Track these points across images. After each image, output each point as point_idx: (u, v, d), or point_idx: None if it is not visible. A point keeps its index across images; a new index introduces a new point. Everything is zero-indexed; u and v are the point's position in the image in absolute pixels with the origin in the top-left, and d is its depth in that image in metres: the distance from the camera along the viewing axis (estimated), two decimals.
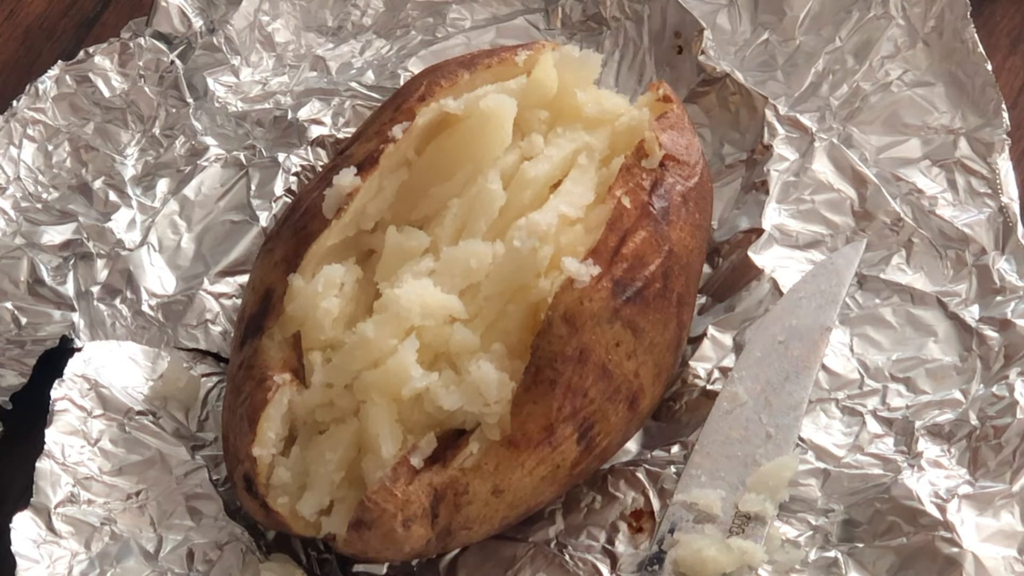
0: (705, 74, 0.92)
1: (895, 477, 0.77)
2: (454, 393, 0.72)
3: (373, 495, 0.71)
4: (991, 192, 0.86)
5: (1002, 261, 0.84)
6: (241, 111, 0.93)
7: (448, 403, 0.72)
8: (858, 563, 0.75)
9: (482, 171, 0.78)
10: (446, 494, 0.72)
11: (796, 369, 0.81)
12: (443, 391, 0.72)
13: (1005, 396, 0.79)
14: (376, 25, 0.98)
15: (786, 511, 0.78)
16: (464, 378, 0.72)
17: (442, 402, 0.72)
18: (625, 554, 0.78)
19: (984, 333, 0.82)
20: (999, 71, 0.92)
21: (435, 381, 0.72)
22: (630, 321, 0.74)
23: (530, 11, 0.98)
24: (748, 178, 0.89)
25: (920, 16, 0.92)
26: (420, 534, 0.72)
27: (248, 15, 0.96)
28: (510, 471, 0.73)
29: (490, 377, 0.72)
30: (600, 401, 0.74)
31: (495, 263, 0.75)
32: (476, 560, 0.79)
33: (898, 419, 0.80)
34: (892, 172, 0.88)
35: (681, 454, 0.80)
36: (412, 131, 0.78)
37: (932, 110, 0.90)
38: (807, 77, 0.92)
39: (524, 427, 0.72)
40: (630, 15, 0.96)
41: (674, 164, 0.78)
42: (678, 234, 0.77)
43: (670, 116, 0.80)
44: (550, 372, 0.72)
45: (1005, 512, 0.75)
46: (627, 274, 0.74)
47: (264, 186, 0.90)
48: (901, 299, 0.84)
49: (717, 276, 0.87)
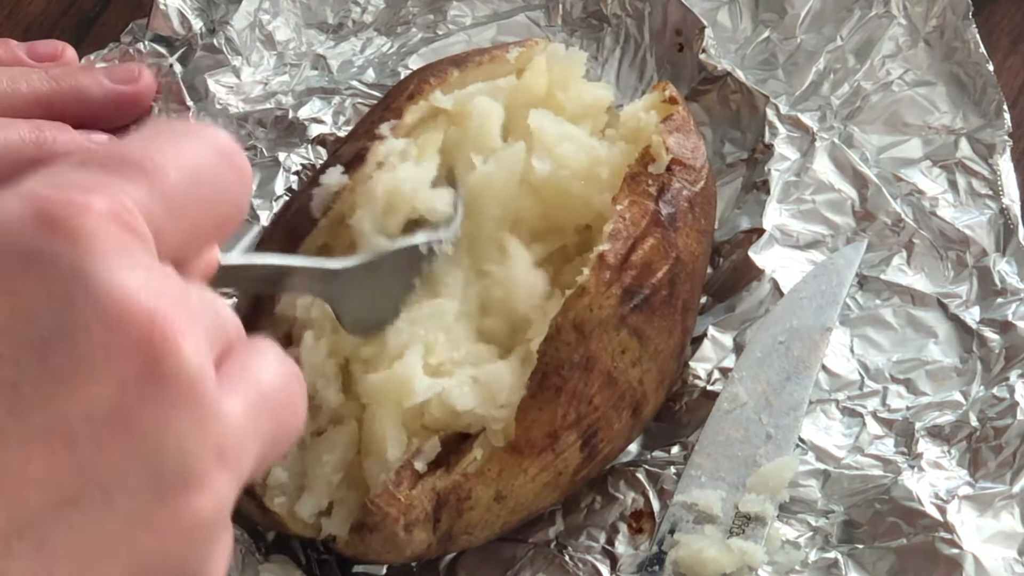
0: (706, 72, 0.92)
1: (895, 478, 0.77)
2: (468, 395, 0.72)
3: (376, 498, 0.71)
4: (992, 193, 0.86)
5: (1003, 263, 0.84)
6: (243, 112, 0.93)
7: (462, 404, 0.72)
8: (858, 564, 0.75)
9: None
10: (449, 499, 0.72)
11: (796, 370, 0.81)
12: (457, 391, 0.72)
13: (1005, 398, 0.79)
14: (377, 22, 0.98)
15: (786, 512, 0.78)
16: (479, 379, 0.72)
17: (455, 402, 0.72)
18: (625, 555, 0.78)
19: (985, 335, 0.82)
20: (999, 70, 0.92)
21: (448, 383, 0.72)
22: (636, 328, 0.74)
23: (531, 8, 0.97)
24: (749, 177, 0.89)
25: (921, 16, 0.92)
26: (422, 538, 0.72)
27: (249, 14, 0.96)
28: (513, 477, 0.73)
29: (504, 379, 0.72)
30: (604, 408, 0.74)
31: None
32: (476, 561, 0.79)
33: (898, 420, 0.80)
34: (893, 172, 0.88)
35: (681, 455, 0.80)
36: (400, 129, 0.77)
37: (933, 110, 0.89)
38: (808, 76, 0.92)
39: (528, 433, 0.72)
40: (631, 12, 0.96)
41: (680, 168, 0.78)
42: (684, 240, 0.77)
43: (676, 118, 0.79)
44: (556, 379, 0.72)
45: (1005, 513, 0.75)
46: (635, 281, 0.74)
47: (265, 185, 0.90)
48: (902, 300, 0.84)
49: (717, 276, 0.87)
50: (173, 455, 0.38)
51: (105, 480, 0.37)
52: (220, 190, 0.43)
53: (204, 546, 0.40)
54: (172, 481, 0.38)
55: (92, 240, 0.37)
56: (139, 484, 0.38)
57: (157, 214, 0.40)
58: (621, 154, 0.78)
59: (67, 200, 0.38)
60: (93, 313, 0.37)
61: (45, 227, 0.37)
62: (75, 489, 0.37)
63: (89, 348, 0.37)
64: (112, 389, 0.37)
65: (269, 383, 0.43)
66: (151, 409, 0.37)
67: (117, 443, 0.37)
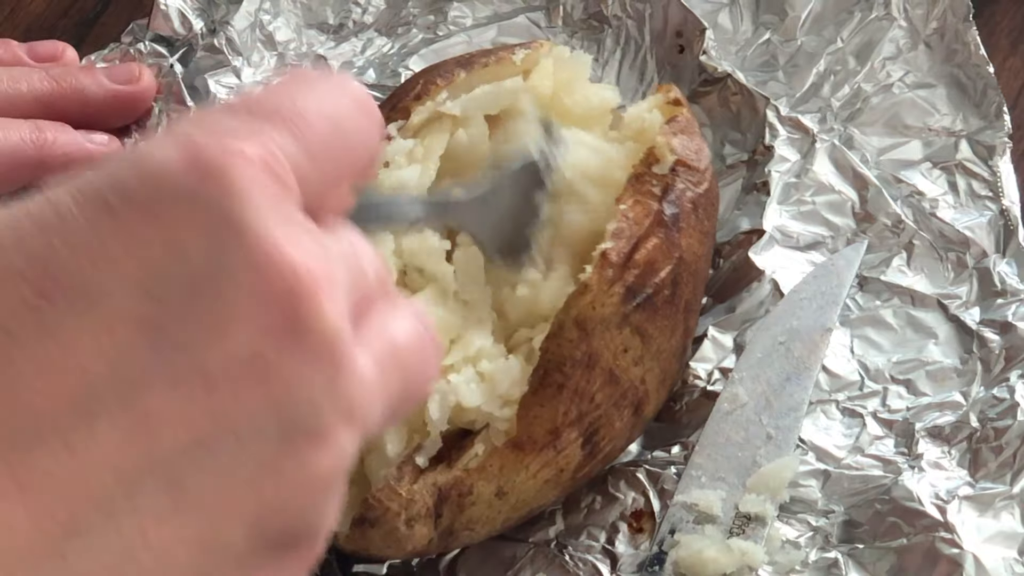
0: (706, 74, 0.92)
1: (895, 478, 0.77)
2: (474, 391, 0.72)
3: (378, 493, 0.71)
4: (992, 195, 0.86)
5: (1003, 264, 0.84)
6: None
7: (468, 400, 0.72)
8: (858, 564, 0.75)
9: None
10: (450, 494, 0.72)
11: (797, 370, 0.81)
12: (464, 387, 0.72)
13: (1006, 398, 0.79)
14: (377, 23, 0.98)
15: (786, 512, 0.78)
16: (485, 375, 0.72)
17: (462, 399, 0.72)
18: (625, 555, 0.78)
19: (985, 335, 0.82)
20: (999, 72, 0.92)
21: (456, 379, 0.72)
22: (639, 327, 0.74)
23: (531, 9, 0.98)
24: (749, 179, 0.89)
25: (922, 18, 0.92)
26: (423, 533, 0.72)
27: (249, 14, 0.96)
28: (514, 473, 0.73)
29: (510, 376, 0.72)
30: (606, 407, 0.74)
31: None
32: (476, 560, 0.79)
33: (898, 421, 0.80)
34: (893, 174, 0.88)
35: (681, 455, 0.80)
36: (407, 130, 0.78)
37: (933, 112, 0.90)
38: (808, 78, 0.92)
39: (530, 430, 0.72)
40: (631, 14, 0.96)
41: (684, 170, 0.78)
42: (688, 241, 0.77)
43: (680, 120, 0.80)
44: (558, 376, 0.72)
45: (1005, 513, 0.75)
46: (638, 280, 0.74)
47: None
48: (902, 301, 0.84)
49: (718, 277, 0.87)
50: (305, 408, 0.39)
51: (239, 426, 0.38)
52: (358, 138, 0.43)
53: (323, 498, 0.40)
54: (302, 434, 0.39)
55: (246, 188, 0.38)
56: (270, 433, 0.38)
57: (302, 162, 0.40)
58: (628, 155, 0.79)
59: (222, 146, 0.38)
60: (243, 260, 0.37)
61: (201, 171, 0.38)
62: (210, 432, 0.37)
63: (236, 295, 0.37)
64: (253, 337, 0.38)
65: (404, 341, 0.43)
66: (289, 361, 0.38)
67: (254, 391, 0.38)
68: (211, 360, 0.37)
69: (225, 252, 0.37)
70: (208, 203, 0.38)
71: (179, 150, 0.38)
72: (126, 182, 0.38)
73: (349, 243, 0.43)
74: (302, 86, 0.43)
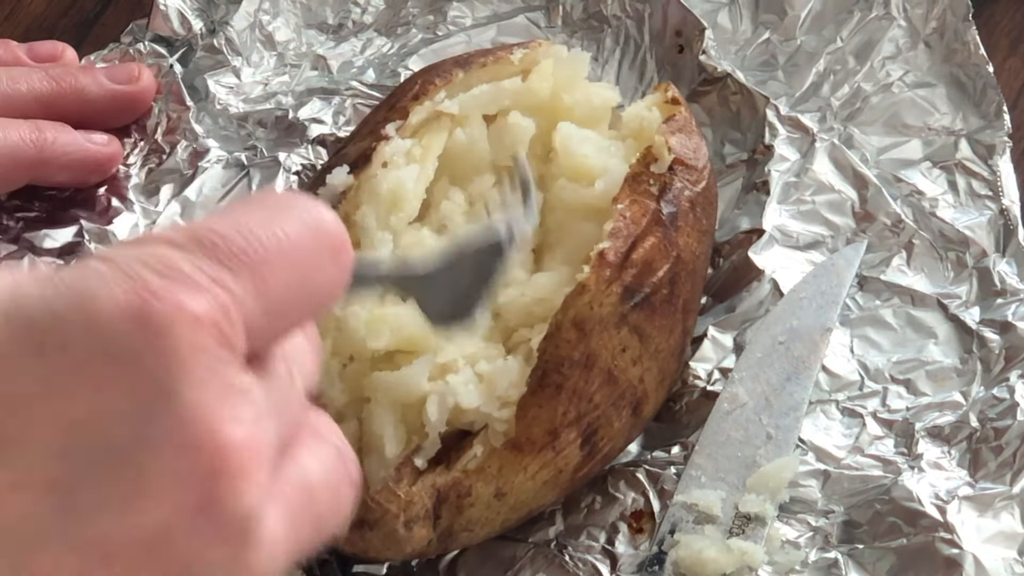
0: (706, 73, 0.92)
1: (895, 478, 0.77)
2: (473, 392, 0.72)
3: (376, 495, 0.71)
4: (992, 194, 0.86)
5: (1003, 263, 0.84)
6: (243, 112, 0.93)
7: (467, 402, 0.72)
8: (858, 564, 0.75)
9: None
10: (449, 496, 0.72)
11: (796, 370, 0.81)
12: (462, 389, 0.72)
13: (1005, 398, 0.79)
14: (377, 23, 0.98)
15: (786, 512, 0.78)
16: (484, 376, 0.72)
17: (461, 400, 0.72)
18: (625, 555, 0.78)
19: (985, 335, 0.82)
20: (999, 72, 0.92)
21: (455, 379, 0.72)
22: (637, 327, 0.74)
23: (531, 8, 0.98)
24: (749, 178, 0.89)
25: (921, 17, 0.92)
26: (422, 535, 0.72)
27: (249, 15, 0.96)
28: (513, 474, 0.72)
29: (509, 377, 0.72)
30: (605, 407, 0.74)
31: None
32: (476, 560, 0.79)
33: (898, 421, 0.80)
34: (893, 173, 0.88)
35: (681, 455, 0.80)
36: (406, 129, 0.78)
37: (933, 111, 0.90)
38: (808, 77, 0.92)
39: (528, 431, 0.72)
40: (631, 13, 0.96)
41: (682, 168, 0.78)
42: (685, 240, 0.77)
43: (678, 119, 0.80)
44: (557, 376, 0.72)
45: (1005, 513, 0.75)
46: (636, 280, 0.74)
47: (265, 185, 0.90)
48: (901, 301, 0.84)
49: (718, 277, 0.87)
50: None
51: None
52: (320, 283, 0.42)
53: None
54: None
55: (187, 357, 0.36)
56: None
57: (257, 317, 0.39)
58: (628, 154, 0.79)
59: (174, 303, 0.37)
60: (169, 435, 0.36)
61: (145, 329, 0.36)
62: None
63: (155, 469, 0.36)
64: (164, 515, 0.36)
65: (319, 480, 0.42)
66: (195, 541, 0.37)
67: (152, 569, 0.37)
68: (115, 532, 0.36)
69: (152, 423, 0.36)
70: (144, 368, 0.36)
71: (128, 296, 0.36)
72: (65, 324, 0.36)
73: (287, 369, 0.42)
74: (270, 218, 0.41)
